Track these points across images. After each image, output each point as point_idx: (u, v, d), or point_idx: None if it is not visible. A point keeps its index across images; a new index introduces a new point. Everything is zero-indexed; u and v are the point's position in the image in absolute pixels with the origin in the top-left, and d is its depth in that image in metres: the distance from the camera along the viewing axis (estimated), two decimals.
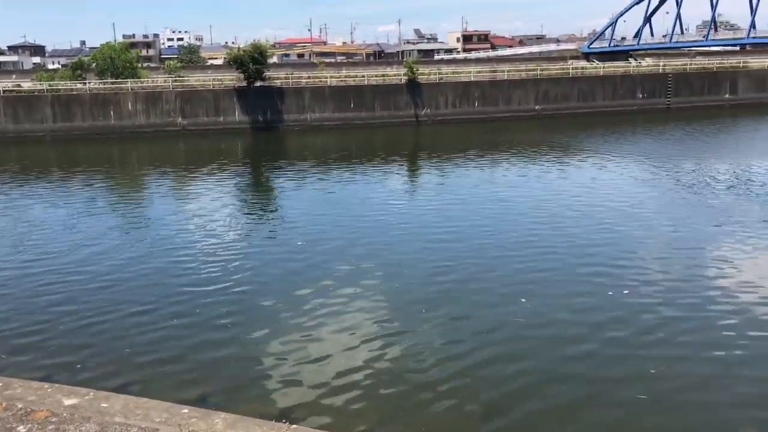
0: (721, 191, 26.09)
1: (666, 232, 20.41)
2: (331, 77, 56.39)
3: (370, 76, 57.18)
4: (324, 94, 52.66)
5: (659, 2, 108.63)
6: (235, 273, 17.20)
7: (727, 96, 61.06)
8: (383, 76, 58.67)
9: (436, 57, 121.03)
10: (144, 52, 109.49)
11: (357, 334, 13.22)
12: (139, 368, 11.86)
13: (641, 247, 18.93)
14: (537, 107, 55.98)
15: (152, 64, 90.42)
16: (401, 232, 21.09)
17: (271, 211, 25.42)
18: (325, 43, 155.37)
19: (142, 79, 53.33)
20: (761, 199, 24.43)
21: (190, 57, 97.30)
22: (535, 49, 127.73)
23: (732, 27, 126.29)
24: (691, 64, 68.16)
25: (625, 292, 15.27)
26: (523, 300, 14.88)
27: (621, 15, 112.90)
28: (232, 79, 53.47)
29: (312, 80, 55.48)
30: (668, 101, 59.11)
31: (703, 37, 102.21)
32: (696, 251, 18.35)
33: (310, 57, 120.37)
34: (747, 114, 54.45)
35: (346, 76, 58.26)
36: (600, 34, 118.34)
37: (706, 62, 71.76)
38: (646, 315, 13.94)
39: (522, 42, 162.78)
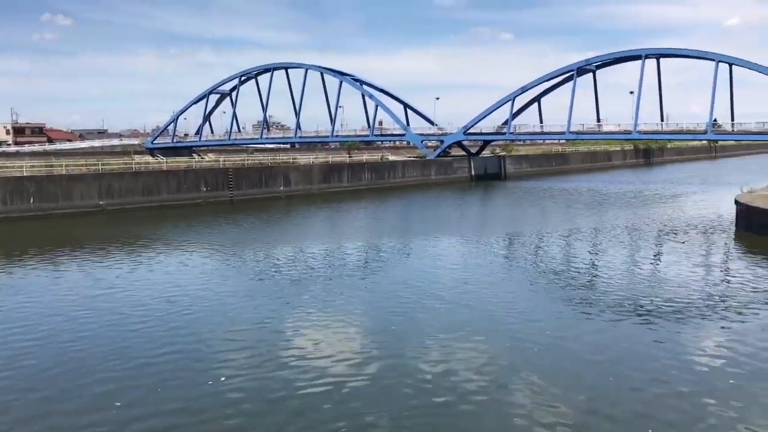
0: (286, 272, 28.32)
1: (249, 315, 21.26)
2: None
3: None
4: None
5: (216, 103, 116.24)
6: None
7: (281, 188, 67.44)
8: None
9: None
10: None
11: None
12: None
13: (225, 331, 19.29)
14: (101, 202, 53.63)
15: None
16: None
17: None
18: None
19: None
20: (319, 275, 27.17)
21: None
22: (97, 143, 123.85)
23: (282, 127, 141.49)
24: (249, 160, 73.84)
25: (222, 378, 15.52)
26: (117, 404, 14.04)
27: (181, 113, 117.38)
28: None
29: None
30: (231, 194, 62.60)
31: (259, 135, 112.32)
32: (273, 331, 19.45)
33: None
34: (299, 203, 60.79)
35: None
36: (163, 130, 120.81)
37: (263, 158, 78.74)
38: (245, 394, 14.23)
39: (82, 136, 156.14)
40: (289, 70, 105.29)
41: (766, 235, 34.80)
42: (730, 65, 74.77)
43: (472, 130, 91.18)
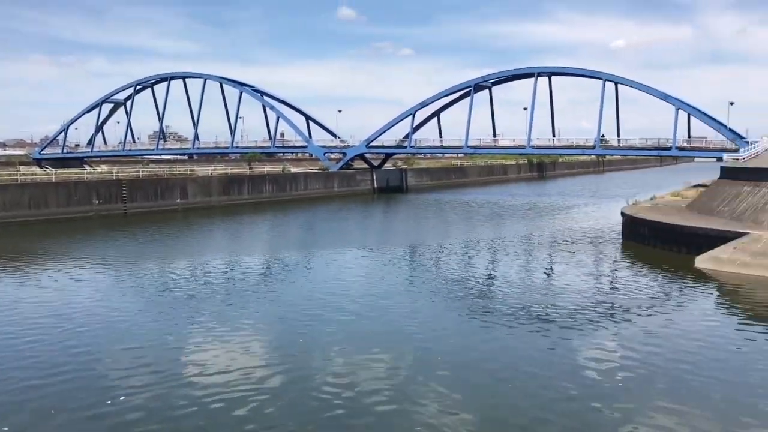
0: (186, 286, 27.54)
1: (148, 331, 20.52)
2: None
3: None
4: None
5: (109, 113, 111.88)
6: None
7: (179, 201, 65.54)
8: None
9: None
10: None
11: None
12: None
13: (123, 348, 18.59)
14: None
15: None
16: None
17: None
18: None
19: None
20: (221, 289, 26.58)
21: None
22: None
23: (180, 138, 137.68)
24: (144, 171, 71.34)
25: (122, 398, 14.84)
26: (5, 429, 13.52)
27: (72, 122, 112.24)
28: None
29: None
30: (125, 207, 60.25)
31: (155, 146, 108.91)
32: (173, 347, 18.83)
33: None
34: (198, 216, 59.27)
35: None
36: (52, 140, 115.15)
37: (159, 170, 76.27)
38: (145, 412, 13.73)
39: None
40: (187, 80, 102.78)
41: (649, 245, 37.00)
42: (616, 84, 79.20)
43: (374, 143, 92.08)
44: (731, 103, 74.27)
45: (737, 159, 51.89)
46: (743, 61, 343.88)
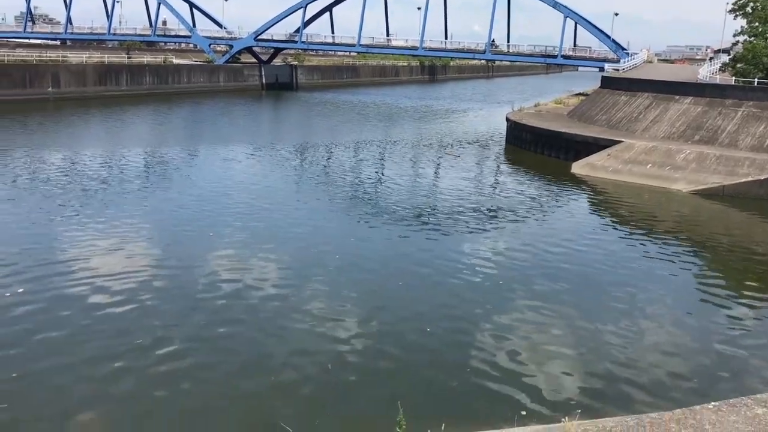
0: (60, 180, 25.99)
1: (21, 230, 19.23)
2: None
3: None
4: None
5: None
6: None
7: (50, 89, 60.79)
8: None
9: None
10: None
11: None
12: None
13: None
14: None
15: None
16: None
17: None
18: None
19: None
20: (101, 187, 25.37)
21: None
22: None
23: (51, 21, 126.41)
24: (10, 56, 65.34)
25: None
26: None
27: None
28: None
29: None
30: None
31: (21, 28, 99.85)
32: (49, 248, 17.83)
33: None
34: (72, 107, 55.42)
35: None
36: None
37: (27, 55, 70.07)
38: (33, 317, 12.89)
39: None
40: None
41: (531, 150, 38.37)
42: None
43: (263, 37, 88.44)
44: (616, 14, 76.61)
45: (617, 69, 54.02)
46: None
